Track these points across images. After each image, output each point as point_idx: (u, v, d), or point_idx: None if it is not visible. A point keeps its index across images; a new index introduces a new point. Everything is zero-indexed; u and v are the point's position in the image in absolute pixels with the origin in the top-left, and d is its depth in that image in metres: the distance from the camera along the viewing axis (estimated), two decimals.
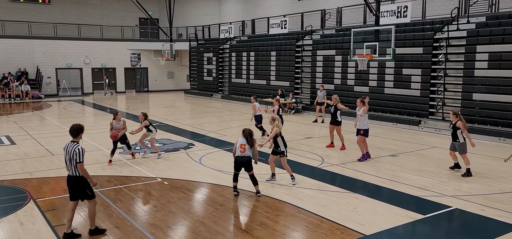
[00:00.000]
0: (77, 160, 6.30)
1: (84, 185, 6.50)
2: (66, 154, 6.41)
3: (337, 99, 13.09)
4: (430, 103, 17.26)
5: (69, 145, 6.43)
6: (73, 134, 6.55)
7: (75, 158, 6.31)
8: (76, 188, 6.48)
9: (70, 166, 6.38)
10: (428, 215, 7.63)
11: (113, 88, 35.84)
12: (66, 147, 6.44)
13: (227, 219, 7.48)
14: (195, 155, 12.37)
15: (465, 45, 16.40)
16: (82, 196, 6.56)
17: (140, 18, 37.73)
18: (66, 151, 6.41)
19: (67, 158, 6.39)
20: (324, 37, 23.09)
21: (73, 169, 6.38)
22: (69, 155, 6.35)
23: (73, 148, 6.35)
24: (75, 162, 6.32)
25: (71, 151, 6.33)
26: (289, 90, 23.34)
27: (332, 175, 10.39)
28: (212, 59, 32.32)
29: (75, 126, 6.60)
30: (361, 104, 11.59)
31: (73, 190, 6.52)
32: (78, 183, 6.45)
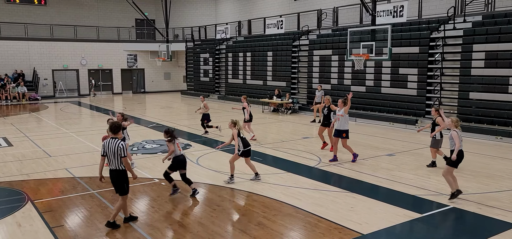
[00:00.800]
0: (122, 154, 6.75)
1: (124, 179, 6.95)
2: (108, 149, 6.79)
3: (329, 100, 12.91)
4: (427, 103, 17.31)
5: (110, 141, 6.80)
6: (114, 130, 6.94)
7: (120, 152, 6.73)
8: (118, 181, 6.92)
9: (115, 160, 6.79)
10: (425, 214, 7.66)
11: (109, 89, 35.77)
12: (107, 144, 6.81)
13: (225, 219, 7.49)
14: (192, 156, 12.36)
15: (461, 44, 16.47)
16: (120, 190, 6.98)
17: (136, 19, 37.67)
18: (108, 147, 6.78)
19: (110, 153, 6.77)
20: (321, 37, 23.13)
21: (117, 163, 6.81)
22: (112, 151, 6.75)
23: (116, 143, 6.76)
24: (119, 157, 6.75)
25: (115, 147, 6.74)
26: (286, 91, 23.37)
27: (329, 174, 10.41)
28: (208, 60, 32.31)
29: (116, 123, 7.06)
30: (342, 105, 11.36)
31: (116, 182, 6.96)
32: (120, 177, 6.90)
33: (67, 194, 8.90)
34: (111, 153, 6.77)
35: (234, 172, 9.60)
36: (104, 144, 6.86)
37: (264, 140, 14.75)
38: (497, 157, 12.04)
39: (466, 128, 15.29)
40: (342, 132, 11.32)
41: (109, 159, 6.83)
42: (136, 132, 16.84)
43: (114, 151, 6.75)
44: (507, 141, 13.96)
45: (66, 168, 10.98)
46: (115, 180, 6.94)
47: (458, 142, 8.14)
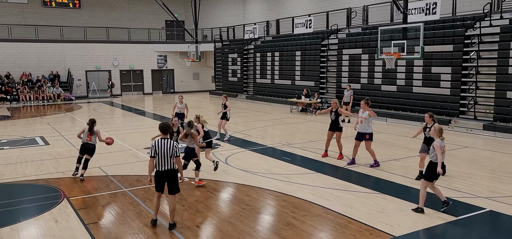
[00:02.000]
0: (176, 154, 6.78)
1: (177, 179, 6.97)
2: (159, 149, 6.74)
3: (337, 104, 11.89)
4: (461, 102, 16.80)
5: (162, 141, 6.79)
6: (164, 131, 6.95)
7: (175, 152, 6.77)
8: (173, 181, 6.88)
9: (170, 160, 6.78)
10: (460, 217, 7.43)
11: (140, 90, 36.52)
12: (158, 144, 6.77)
13: (254, 219, 7.50)
14: (221, 155, 12.45)
15: (498, 42, 15.89)
16: (173, 188, 6.92)
17: (166, 21, 38.28)
18: (160, 147, 6.74)
19: (165, 153, 6.73)
20: (350, 36, 22.82)
21: (172, 163, 6.80)
22: (167, 151, 6.74)
23: (170, 143, 6.78)
24: (174, 156, 6.77)
25: (170, 147, 6.76)
26: (314, 90, 23.19)
27: (358, 175, 10.26)
28: (236, 60, 32.46)
29: (166, 124, 7.05)
30: (366, 107, 10.76)
31: (170, 182, 6.88)
32: (175, 176, 6.90)
33: (101, 191, 9.14)
34: (166, 152, 6.74)
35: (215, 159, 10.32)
36: (154, 145, 6.77)
37: (292, 140, 14.69)
38: None
39: (504, 128, 14.75)
40: (364, 134, 10.81)
41: (161, 160, 6.76)
42: None
43: (170, 151, 6.75)
44: None
45: (99, 166, 11.27)
46: (170, 180, 6.88)
47: (440, 153, 7.36)
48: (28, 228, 7.19)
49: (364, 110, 10.75)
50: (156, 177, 6.92)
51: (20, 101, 29.79)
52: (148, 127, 18.81)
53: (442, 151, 7.43)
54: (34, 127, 18.86)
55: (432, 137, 9.02)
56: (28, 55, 32.02)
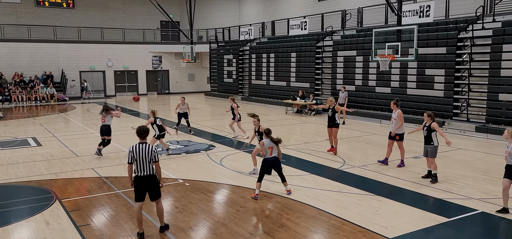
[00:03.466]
0: (155, 159, 6.56)
1: (157, 184, 6.73)
2: (137, 154, 6.48)
3: (333, 101, 12.45)
4: (454, 104, 16.89)
5: (140, 146, 6.54)
6: (142, 135, 6.73)
7: (153, 157, 6.54)
8: (153, 186, 6.66)
9: (149, 165, 6.53)
10: (453, 218, 7.47)
11: (134, 90, 36.40)
12: (136, 148, 6.52)
13: (248, 221, 7.49)
14: (216, 157, 12.43)
15: (490, 45, 16.00)
16: (154, 194, 6.71)
17: (161, 21, 38.20)
18: (138, 152, 6.49)
19: (144, 158, 6.48)
20: (345, 38, 22.89)
21: (151, 169, 6.56)
22: (146, 155, 6.48)
23: (148, 148, 6.53)
24: (153, 161, 6.54)
25: (149, 151, 6.50)
26: (310, 92, 23.23)
27: (353, 177, 10.28)
28: (232, 61, 32.45)
29: (144, 128, 6.81)
30: (396, 107, 11.00)
31: (150, 188, 6.66)
32: (154, 181, 6.67)
33: (94, 193, 9.09)
34: (145, 157, 6.49)
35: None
36: (132, 150, 6.53)
37: (287, 142, 14.69)
38: None
39: (496, 130, 14.84)
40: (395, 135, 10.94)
41: (139, 165, 6.51)
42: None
43: (149, 156, 6.50)
44: None
45: (92, 167, 11.22)
46: (154, 186, 6.67)
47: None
48: (19, 230, 7.13)
49: (394, 111, 11.02)
50: (135, 183, 6.63)
51: (12, 101, 29.58)
52: None
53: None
54: (26, 127, 18.74)
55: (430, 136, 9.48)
56: (20, 55, 31.80)
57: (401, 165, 10.99)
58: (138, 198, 6.68)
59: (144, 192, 6.68)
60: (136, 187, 6.64)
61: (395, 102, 11.14)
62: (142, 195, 6.68)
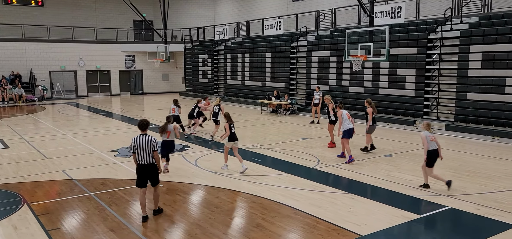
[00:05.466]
0: (154, 148, 7.21)
1: (157, 171, 7.41)
2: (138, 145, 7.17)
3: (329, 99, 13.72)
4: (425, 103, 17.32)
5: (140, 137, 7.23)
6: (143, 127, 7.38)
7: (153, 147, 7.19)
8: (153, 174, 7.35)
9: (148, 155, 7.20)
10: (423, 214, 7.65)
11: (107, 91, 35.72)
12: (138, 139, 7.21)
13: (223, 221, 7.46)
14: (190, 157, 12.33)
15: (458, 45, 16.48)
16: (154, 180, 7.43)
17: (134, 20, 37.61)
18: (139, 142, 7.18)
19: (144, 148, 7.16)
20: (319, 38, 23.12)
21: (150, 158, 7.22)
22: (146, 146, 7.16)
23: (149, 139, 7.20)
24: (152, 151, 7.19)
25: (149, 142, 7.18)
26: (285, 92, 23.35)
27: (328, 175, 10.39)
28: (207, 61, 32.28)
29: (145, 121, 7.44)
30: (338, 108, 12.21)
31: (151, 175, 7.34)
32: (154, 169, 7.34)
33: (64, 196, 8.86)
34: (145, 147, 7.15)
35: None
36: (133, 141, 7.22)
37: (262, 141, 14.73)
38: (495, 158, 12.05)
39: (464, 128, 15.31)
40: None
41: (140, 155, 7.18)
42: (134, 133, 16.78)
43: (149, 146, 7.16)
44: (505, 141, 13.97)
45: (63, 170, 10.94)
46: (152, 173, 7.33)
47: (426, 144, 8.73)
48: None
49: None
50: (137, 171, 7.32)
51: None
52: (115, 129, 18.41)
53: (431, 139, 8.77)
54: None
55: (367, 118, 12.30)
56: None
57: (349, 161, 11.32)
58: (140, 184, 7.37)
59: (146, 178, 7.34)
60: (138, 174, 7.34)
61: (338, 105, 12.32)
62: (143, 182, 7.35)
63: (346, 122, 11.65)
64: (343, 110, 11.95)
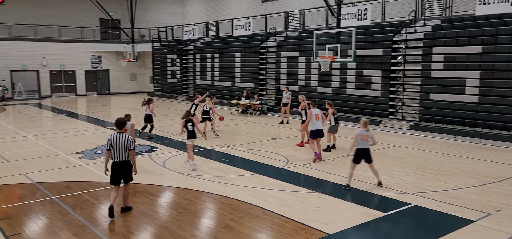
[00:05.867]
0: (130, 147, 7.43)
1: (131, 169, 7.62)
2: (114, 143, 7.39)
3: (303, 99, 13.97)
4: (390, 104, 17.77)
5: (117, 135, 7.44)
6: (119, 126, 7.58)
7: (129, 146, 7.41)
8: (127, 171, 7.54)
9: (124, 153, 7.41)
10: (389, 212, 7.84)
11: (72, 91, 34.74)
12: (114, 137, 7.42)
13: (192, 223, 7.39)
14: (158, 158, 12.16)
15: (422, 47, 16.99)
16: (127, 178, 7.61)
17: (100, 19, 36.71)
18: (115, 140, 7.39)
19: (120, 146, 7.38)
20: (288, 39, 23.31)
21: (126, 155, 7.44)
22: (122, 144, 7.38)
23: (125, 137, 7.42)
24: (128, 149, 7.41)
25: (125, 141, 7.39)
26: (254, 92, 23.40)
27: (297, 175, 10.49)
28: (176, 61, 31.92)
29: (121, 119, 7.68)
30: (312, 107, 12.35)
31: (124, 173, 7.53)
32: (128, 167, 7.54)
33: (25, 200, 8.54)
34: (121, 146, 7.36)
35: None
36: (110, 139, 7.40)
37: (232, 142, 14.71)
38: (456, 156, 12.50)
39: (428, 128, 15.80)
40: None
41: (116, 152, 7.39)
42: (100, 134, 16.42)
43: (125, 144, 7.38)
44: (465, 140, 14.52)
45: (24, 173, 10.54)
46: (125, 171, 7.51)
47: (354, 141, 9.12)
48: None
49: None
50: (112, 168, 7.48)
51: None
52: (80, 130, 17.91)
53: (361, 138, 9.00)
54: None
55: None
56: None
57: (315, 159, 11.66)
58: (113, 182, 7.54)
59: (120, 176, 7.52)
60: (113, 172, 7.50)
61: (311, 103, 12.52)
62: (117, 179, 7.54)
63: (314, 122, 11.76)
64: (314, 109, 11.95)
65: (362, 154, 8.94)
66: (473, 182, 9.64)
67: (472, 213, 7.64)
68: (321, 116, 11.93)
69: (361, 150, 8.87)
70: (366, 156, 8.94)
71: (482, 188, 9.23)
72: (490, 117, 14.54)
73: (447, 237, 6.68)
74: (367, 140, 8.85)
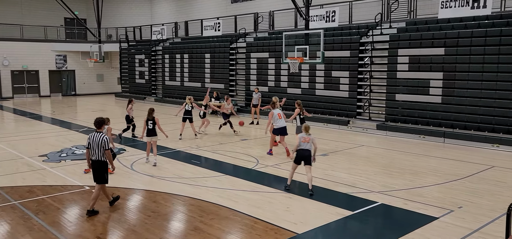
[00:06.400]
0: (105, 147, 7.53)
1: (105, 170, 7.70)
2: (92, 141, 7.56)
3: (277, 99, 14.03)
4: (358, 104, 18.12)
5: (95, 135, 7.61)
6: (97, 125, 7.75)
7: (103, 145, 7.52)
8: (100, 171, 7.66)
9: (98, 152, 7.54)
10: (356, 211, 7.98)
11: (35, 92, 33.57)
12: (92, 137, 7.59)
13: (160, 226, 7.28)
14: (126, 161, 11.92)
15: (388, 49, 17.41)
16: (100, 179, 7.70)
17: (65, 18, 35.67)
18: (93, 139, 7.56)
19: (94, 145, 7.54)
20: (258, 40, 23.38)
21: (100, 155, 7.56)
22: (97, 143, 7.52)
23: (100, 137, 7.56)
24: (103, 149, 7.51)
25: (99, 140, 7.53)
26: (224, 93, 23.32)
27: (266, 176, 10.52)
28: (144, 61, 31.41)
29: (99, 119, 7.85)
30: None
31: (97, 172, 7.67)
32: (102, 167, 7.65)
33: None
34: (96, 145, 7.51)
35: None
36: (89, 138, 7.59)
37: (202, 143, 14.60)
38: (421, 155, 12.88)
39: (394, 127, 16.22)
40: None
41: (92, 151, 7.57)
42: (65, 137, 15.95)
43: (99, 144, 7.50)
44: (429, 139, 14.99)
45: None
46: (98, 170, 7.64)
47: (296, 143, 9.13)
48: None
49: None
50: (92, 166, 7.71)
51: None
52: (44, 133, 17.33)
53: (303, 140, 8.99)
54: None
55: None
56: None
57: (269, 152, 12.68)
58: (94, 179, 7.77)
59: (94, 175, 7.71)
60: (92, 170, 7.76)
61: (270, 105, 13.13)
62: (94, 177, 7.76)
63: (277, 121, 12.47)
64: (275, 110, 12.65)
65: (303, 156, 8.96)
66: (437, 180, 9.97)
67: (435, 210, 7.89)
68: (283, 116, 12.62)
69: (302, 151, 8.95)
70: (306, 159, 8.97)
71: (445, 185, 9.55)
72: (452, 117, 15.07)
73: (412, 234, 6.86)
74: (308, 142, 8.95)
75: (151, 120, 11.43)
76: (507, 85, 14.02)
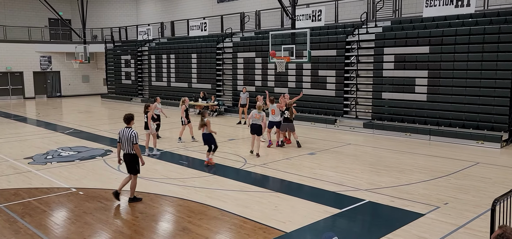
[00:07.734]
0: (134, 141, 8.06)
1: (136, 161, 8.24)
2: (122, 136, 8.16)
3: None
4: (344, 103, 18.25)
5: (125, 130, 8.19)
6: (126, 121, 8.32)
7: (132, 140, 8.07)
8: (132, 163, 8.21)
9: (128, 146, 8.10)
10: (344, 209, 8.05)
11: (20, 94, 33.05)
12: (122, 132, 8.18)
13: (148, 227, 7.25)
14: (113, 162, 11.81)
15: (374, 48, 17.57)
16: (132, 170, 8.26)
17: (49, 19, 35.19)
18: (122, 134, 8.16)
19: (124, 140, 8.12)
20: (244, 40, 23.38)
21: (130, 149, 8.12)
22: (127, 138, 8.09)
23: (129, 132, 8.13)
24: (132, 143, 8.05)
25: (128, 135, 8.09)
26: (211, 93, 23.28)
27: (254, 175, 10.54)
28: (130, 62, 31.16)
29: (128, 115, 8.40)
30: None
31: (129, 164, 8.24)
32: (133, 159, 8.19)
33: None
34: (125, 140, 8.07)
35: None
36: (119, 133, 8.20)
37: (190, 144, 14.56)
38: (407, 152, 13.04)
39: (380, 126, 16.38)
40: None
41: (123, 145, 8.15)
42: (50, 138, 15.75)
43: (128, 138, 8.05)
44: (415, 137, 15.18)
45: None
46: (129, 162, 8.23)
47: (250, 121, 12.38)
48: None
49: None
50: (124, 159, 8.29)
51: None
52: (29, 135, 17.08)
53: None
54: None
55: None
56: None
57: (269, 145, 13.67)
58: (128, 171, 8.36)
59: (127, 167, 8.28)
60: (124, 162, 8.33)
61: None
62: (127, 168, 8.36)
63: (271, 116, 13.65)
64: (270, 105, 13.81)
65: (255, 129, 12.09)
66: (423, 177, 10.10)
67: (422, 207, 8.00)
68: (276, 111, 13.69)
69: (254, 125, 12.00)
70: (257, 130, 12.02)
71: (431, 182, 9.69)
72: (437, 114, 15.29)
73: (399, 231, 6.95)
74: (259, 119, 12.05)
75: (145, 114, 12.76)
76: (491, 82, 14.28)
